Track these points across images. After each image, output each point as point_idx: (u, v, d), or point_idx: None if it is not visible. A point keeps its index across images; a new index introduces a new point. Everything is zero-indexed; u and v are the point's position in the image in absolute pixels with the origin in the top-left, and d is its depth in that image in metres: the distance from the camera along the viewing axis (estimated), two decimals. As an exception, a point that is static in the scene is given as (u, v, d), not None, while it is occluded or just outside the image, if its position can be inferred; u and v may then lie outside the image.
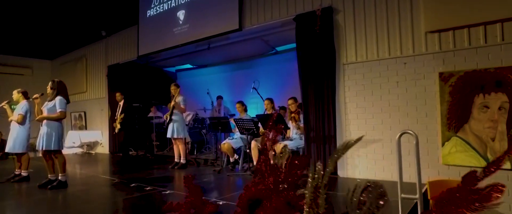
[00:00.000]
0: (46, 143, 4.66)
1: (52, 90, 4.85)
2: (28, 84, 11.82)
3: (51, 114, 4.75)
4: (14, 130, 5.47)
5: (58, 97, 4.81)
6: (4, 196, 4.55)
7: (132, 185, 4.84)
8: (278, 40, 7.52)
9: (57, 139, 4.75)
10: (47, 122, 4.73)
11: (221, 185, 5.00)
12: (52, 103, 4.78)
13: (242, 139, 6.25)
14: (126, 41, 9.11)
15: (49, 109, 4.77)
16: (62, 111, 4.77)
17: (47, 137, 4.67)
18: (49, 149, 4.68)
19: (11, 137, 5.46)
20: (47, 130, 4.68)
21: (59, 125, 4.84)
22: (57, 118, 4.76)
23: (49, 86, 4.87)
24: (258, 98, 7.45)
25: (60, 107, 4.77)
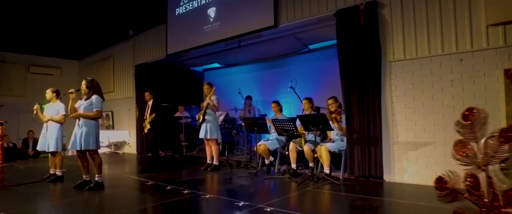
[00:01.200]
0: (85, 143, 4.54)
1: (88, 88, 4.73)
2: (57, 84, 11.87)
3: (88, 112, 4.63)
4: (49, 129, 5.41)
5: (94, 96, 4.69)
6: (41, 197, 4.46)
7: (168, 187, 4.67)
8: (312, 38, 7.24)
9: (94, 139, 4.65)
10: (84, 120, 4.62)
11: (262, 189, 4.76)
12: (88, 102, 4.67)
13: (278, 140, 6.01)
14: (154, 40, 9.02)
15: (85, 108, 4.65)
16: (98, 110, 4.66)
17: (85, 136, 4.55)
18: (87, 148, 4.57)
19: (45, 136, 5.40)
20: (85, 129, 4.56)
21: (96, 124, 4.73)
22: (93, 116, 4.65)
23: (84, 84, 4.75)
24: (291, 98, 7.16)
25: (97, 105, 4.65)
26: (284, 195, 4.27)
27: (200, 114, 6.21)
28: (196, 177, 5.62)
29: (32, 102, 11.51)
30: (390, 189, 4.56)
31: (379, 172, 4.87)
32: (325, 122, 4.78)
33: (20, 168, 7.21)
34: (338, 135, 5.37)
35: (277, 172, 5.82)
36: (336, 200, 4.05)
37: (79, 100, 4.81)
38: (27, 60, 11.39)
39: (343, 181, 4.94)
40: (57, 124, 5.46)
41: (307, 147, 5.45)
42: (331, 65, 7.49)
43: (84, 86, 4.75)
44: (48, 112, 5.52)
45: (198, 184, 5.13)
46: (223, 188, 4.74)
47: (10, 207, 3.80)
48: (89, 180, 4.79)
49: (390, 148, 4.85)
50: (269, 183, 5.06)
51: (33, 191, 4.71)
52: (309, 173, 5.54)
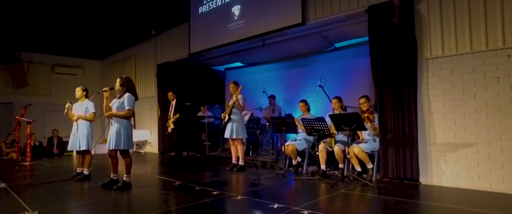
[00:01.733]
0: (116, 142, 4.47)
1: (121, 86, 4.65)
2: (79, 83, 11.96)
3: (120, 111, 4.56)
4: (80, 128, 5.39)
5: (126, 94, 4.61)
6: (71, 196, 4.43)
7: (196, 188, 4.57)
8: (339, 35, 7.03)
9: (126, 138, 4.56)
10: (117, 119, 4.55)
11: (293, 191, 4.60)
12: (120, 100, 4.60)
13: (306, 140, 5.84)
14: (176, 39, 8.98)
15: (118, 106, 4.58)
16: (130, 108, 4.56)
17: (117, 135, 4.48)
18: (118, 148, 4.50)
19: (75, 135, 5.38)
20: (117, 128, 4.50)
21: (128, 123, 4.65)
22: (124, 115, 4.56)
23: (118, 82, 4.67)
24: (317, 97, 6.99)
25: (129, 104, 4.56)
26: (317, 197, 4.09)
27: (226, 113, 6.10)
28: (223, 178, 5.50)
29: (56, 102, 11.83)
30: (427, 192, 4.32)
31: (414, 174, 4.64)
32: (359, 122, 4.58)
33: (47, 166, 7.27)
34: (369, 135, 5.16)
35: (305, 173, 5.65)
36: (372, 203, 3.85)
37: (113, 98, 4.76)
38: (52, 61, 11.58)
39: (376, 183, 4.74)
40: (87, 122, 5.44)
41: (338, 147, 5.26)
42: (357, 63, 7.30)
43: (118, 84, 4.68)
44: (77, 110, 5.52)
45: (226, 184, 5.01)
46: (252, 189, 4.60)
47: (42, 205, 3.76)
48: (117, 179, 4.74)
49: (427, 149, 4.62)
50: (299, 184, 4.90)
51: (62, 189, 4.69)
52: (338, 174, 5.38)
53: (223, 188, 4.61)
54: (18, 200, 3.99)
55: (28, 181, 5.43)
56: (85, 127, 5.42)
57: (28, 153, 7.65)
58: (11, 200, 4.06)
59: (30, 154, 7.67)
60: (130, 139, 4.63)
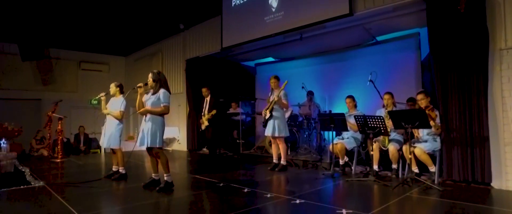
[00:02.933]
0: (151, 140, 4.15)
1: (154, 82, 4.31)
2: (105, 80, 11.92)
3: (155, 107, 4.23)
4: (109, 125, 5.10)
5: (162, 90, 4.27)
6: (113, 198, 4.13)
7: (245, 190, 4.21)
8: (383, 28, 6.54)
9: (161, 136, 4.26)
10: (151, 116, 4.23)
11: (354, 194, 4.20)
12: (155, 97, 4.26)
13: (355, 138, 5.42)
14: (206, 34, 8.63)
15: (152, 102, 4.25)
16: (166, 104, 4.25)
17: (152, 133, 4.16)
18: (153, 146, 4.18)
19: (106, 132, 5.08)
20: (152, 125, 4.17)
21: (162, 120, 4.34)
22: (161, 112, 4.25)
23: (151, 77, 4.33)
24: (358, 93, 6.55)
25: (165, 100, 4.24)
26: (385, 201, 3.67)
27: (267, 109, 5.71)
28: (267, 178, 5.13)
29: (82, 98, 11.65)
30: (501, 197, 3.87)
31: (486, 177, 4.16)
32: (423, 119, 4.13)
33: (78, 164, 7.03)
34: (429, 133, 4.69)
35: (355, 173, 5.23)
36: (446, 209, 3.40)
37: (145, 94, 4.43)
38: (78, 57, 11.42)
39: (439, 185, 4.28)
40: (115, 119, 5.12)
41: (393, 146, 4.83)
42: (401, 58, 6.81)
43: (150, 80, 4.34)
44: (111, 106, 5.21)
45: (275, 186, 4.64)
46: (307, 191, 4.20)
47: (87, 207, 3.45)
48: (158, 179, 4.42)
49: (500, 150, 4.14)
50: (356, 186, 4.48)
51: (102, 189, 4.41)
52: (393, 175, 4.95)
53: (274, 190, 4.24)
54: (61, 201, 3.70)
55: (65, 180, 5.15)
56: (113, 124, 5.10)
57: (59, 149, 7.42)
58: (54, 201, 3.77)
59: (61, 150, 7.45)
60: (162, 137, 4.32)
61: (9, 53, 10.17)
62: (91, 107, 11.80)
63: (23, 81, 10.37)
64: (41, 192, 4.25)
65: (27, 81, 10.43)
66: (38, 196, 4.10)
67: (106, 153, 9.50)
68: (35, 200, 3.91)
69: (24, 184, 4.70)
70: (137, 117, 9.86)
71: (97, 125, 11.73)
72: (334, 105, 7.55)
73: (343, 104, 7.27)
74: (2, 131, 7.53)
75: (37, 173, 5.66)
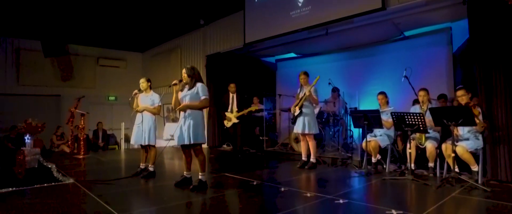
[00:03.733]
0: (194, 136, 3.96)
1: (189, 77, 4.15)
2: (122, 76, 11.88)
3: (195, 102, 4.07)
4: (144, 120, 4.94)
5: (199, 84, 4.11)
6: (145, 197, 3.98)
7: (282, 189, 4.04)
8: (412, 23, 6.32)
9: (203, 131, 4.10)
10: (192, 112, 4.06)
11: (397, 194, 4.00)
12: (193, 91, 4.09)
13: (388, 136, 5.22)
14: (227, 29, 8.45)
15: (191, 98, 4.08)
16: (206, 97, 4.07)
17: (193, 129, 3.98)
18: (197, 142, 4.00)
19: (144, 128, 4.93)
20: (193, 121, 3.99)
21: (203, 115, 4.19)
22: (202, 106, 4.09)
23: (185, 73, 4.16)
24: (387, 89, 6.35)
25: (204, 93, 4.07)
26: (432, 202, 3.46)
27: (296, 105, 5.53)
28: (299, 176, 4.96)
29: (100, 94, 11.58)
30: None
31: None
32: (469, 116, 3.92)
33: (102, 160, 6.94)
34: (470, 131, 4.47)
35: (388, 172, 5.05)
36: (505, 210, 3.20)
37: (180, 92, 4.27)
38: (96, 53, 11.34)
39: (484, 185, 4.06)
40: (152, 115, 5.01)
41: (431, 144, 4.62)
42: (430, 53, 6.56)
43: (185, 75, 4.17)
44: (143, 102, 5.06)
45: (311, 184, 4.48)
46: (346, 191, 4.03)
47: (129, 207, 3.33)
48: (190, 178, 4.27)
49: (550, 149, 3.92)
50: (394, 185, 4.29)
51: (132, 188, 4.27)
52: (430, 174, 4.75)
53: (311, 188, 4.09)
54: (98, 200, 3.56)
55: (92, 177, 5.03)
56: (151, 120, 4.97)
57: (82, 146, 7.33)
58: (90, 200, 3.64)
59: (84, 147, 7.36)
60: (204, 132, 4.16)
61: (30, 49, 10.12)
62: (108, 103, 11.75)
63: (43, 77, 10.32)
64: (74, 190, 4.14)
65: (46, 77, 10.38)
66: (71, 194, 3.98)
67: (126, 150, 9.45)
68: (71, 199, 3.79)
69: (53, 181, 4.60)
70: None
71: (114, 121, 11.68)
72: (359, 102, 7.34)
73: (369, 101, 7.09)
74: (27, 126, 7.46)
75: (63, 170, 5.56)
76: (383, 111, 5.31)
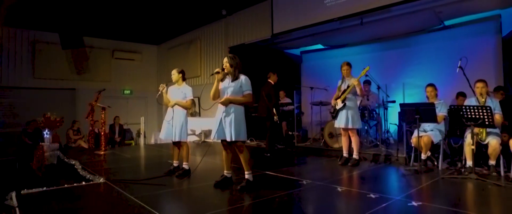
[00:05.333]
0: (235, 133, 3.52)
1: (232, 67, 3.68)
2: (137, 69, 11.39)
3: (237, 96, 3.61)
4: (175, 115, 4.46)
5: (243, 76, 3.65)
6: (196, 200, 3.50)
7: (338, 189, 3.60)
8: (455, 11, 5.83)
9: (245, 128, 3.64)
10: (234, 107, 3.61)
11: (471, 195, 3.55)
12: (236, 84, 3.62)
13: (439, 131, 4.75)
14: (252, 20, 7.94)
15: (234, 91, 3.61)
16: (250, 92, 3.61)
17: (235, 125, 3.53)
18: (239, 139, 3.55)
19: (175, 124, 4.46)
20: (234, 117, 3.56)
21: (244, 110, 3.71)
22: (245, 102, 3.62)
23: (227, 62, 3.68)
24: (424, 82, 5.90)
25: (247, 88, 3.61)
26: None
27: (339, 98, 5.06)
28: (350, 174, 4.50)
29: (116, 88, 11.10)
30: None
31: None
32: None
33: (125, 156, 6.48)
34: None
35: (441, 169, 4.60)
36: None
37: (221, 82, 3.80)
38: (112, 46, 10.85)
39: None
40: (183, 109, 4.52)
41: (495, 140, 4.14)
42: (474, 43, 6.06)
43: (227, 65, 3.69)
44: (174, 95, 4.57)
45: (367, 184, 4.02)
46: (411, 191, 3.56)
47: (178, 211, 2.87)
48: (231, 177, 3.83)
49: None
50: (460, 185, 3.83)
51: (177, 189, 3.84)
52: (491, 172, 4.27)
53: (371, 188, 3.63)
54: (140, 204, 3.10)
55: (121, 175, 4.56)
56: (182, 114, 4.48)
57: (103, 141, 6.88)
58: (132, 203, 3.17)
59: (105, 142, 6.91)
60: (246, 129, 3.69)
61: (46, 41, 9.63)
62: (123, 97, 11.27)
63: (58, 70, 9.83)
64: (108, 191, 3.68)
65: (61, 70, 9.90)
66: (108, 195, 3.53)
67: (146, 146, 9.00)
68: (113, 201, 3.32)
69: (82, 180, 4.16)
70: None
71: (129, 115, 11.22)
72: (393, 95, 6.85)
73: (404, 94, 6.60)
74: (45, 120, 7.01)
75: (87, 167, 5.12)
76: (430, 102, 4.83)
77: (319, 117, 7.15)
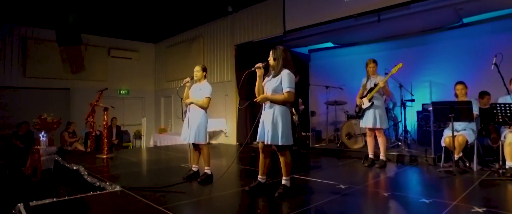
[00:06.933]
0: (272, 135, 3.13)
1: (275, 60, 3.30)
2: (135, 68, 10.80)
3: (276, 94, 3.22)
4: (192, 115, 4.02)
5: (285, 72, 3.22)
6: (226, 210, 3.10)
7: (386, 194, 3.29)
8: (476, 8, 5.63)
9: (287, 130, 3.21)
10: (272, 105, 3.22)
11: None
12: (276, 80, 3.24)
13: (473, 130, 4.52)
14: (262, 16, 7.52)
15: (273, 88, 3.24)
16: (290, 90, 3.18)
17: (273, 126, 3.15)
18: (276, 143, 3.15)
19: (191, 125, 4.01)
20: (274, 117, 3.17)
21: (286, 110, 3.27)
22: (283, 100, 3.21)
23: (272, 55, 3.32)
24: (443, 80, 5.69)
25: (288, 85, 3.17)
26: None
27: (365, 97, 4.76)
28: (382, 177, 4.20)
29: (112, 87, 10.46)
30: None
31: None
32: None
33: (132, 160, 5.98)
34: None
35: (476, 170, 4.36)
36: None
37: (266, 77, 3.42)
38: (108, 43, 10.21)
39: None
40: (200, 109, 4.06)
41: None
42: (495, 41, 5.87)
43: (271, 58, 3.33)
44: (195, 94, 4.14)
45: (410, 187, 3.74)
46: (465, 195, 3.27)
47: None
48: (265, 182, 3.45)
49: None
50: (508, 188, 3.57)
51: (205, 197, 3.41)
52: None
53: (417, 192, 3.35)
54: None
55: (135, 182, 4.09)
56: (199, 114, 4.01)
57: (105, 144, 6.35)
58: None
59: (107, 145, 6.38)
60: (290, 130, 3.28)
61: (38, 38, 8.94)
62: (120, 97, 10.67)
63: (51, 69, 9.13)
64: (129, 200, 3.22)
65: (55, 69, 9.19)
66: (133, 206, 3.08)
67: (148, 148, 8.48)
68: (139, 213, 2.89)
69: (90, 188, 3.70)
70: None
71: (126, 117, 10.64)
72: (406, 94, 6.63)
73: (420, 92, 6.40)
74: (41, 122, 6.42)
75: (96, 173, 4.63)
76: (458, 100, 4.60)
77: (334, 117, 6.85)
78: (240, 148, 7.46)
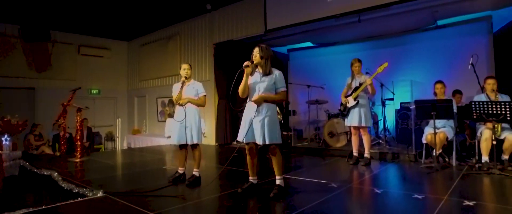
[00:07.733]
0: (269, 135, 3.07)
1: (263, 59, 3.23)
2: (106, 66, 10.26)
3: (270, 93, 3.16)
4: (189, 115, 3.85)
5: (276, 71, 3.24)
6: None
7: (379, 191, 3.32)
8: (450, 11, 5.90)
9: (278, 129, 3.20)
10: (268, 106, 3.17)
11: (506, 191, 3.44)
12: (269, 79, 3.19)
13: (451, 127, 4.69)
14: (243, 14, 7.39)
15: (267, 87, 3.17)
16: (284, 90, 3.20)
17: (269, 126, 3.10)
18: (273, 142, 3.11)
19: (188, 125, 3.84)
20: (268, 117, 3.12)
21: (276, 109, 3.28)
22: (280, 99, 3.22)
23: (258, 53, 3.24)
24: (419, 79, 5.90)
25: (283, 84, 3.20)
26: None
27: (350, 96, 4.81)
28: (370, 175, 4.24)
29: (83, 87, 9.83)
30: None
31: None
32: None
33: (108, 164, 5.63)
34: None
35: (455, 165, 4.53)
36: None
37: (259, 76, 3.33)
38: (78, 40, 9.58)
39: None
40: (197, 108, 3.94)
41: (488, 132, 4.16)
42: (467, 42, 6.16)
43: (258, 56, 3.25)
44: (188, 93, 3.97)
45: (398, 184, 3.79)
46: (452, 189, 3.36)
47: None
48: (257, 183, 3.38)
49: None
50: (495, 181, 3.72)
51: (198, 201, 3.25)
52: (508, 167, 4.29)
53: (408, 189, 3.41)
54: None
55: (117, 186, 3.86)
56: (196, 113, 3.91)
57: (78, 147, 5.93)
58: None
59: (81, 147, 5.97)
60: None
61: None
62: (90, 97, 10.08)
63: (13, 67, 8.41)
64: (115, 207, 2.99)
65: (18, 67, 8.48)
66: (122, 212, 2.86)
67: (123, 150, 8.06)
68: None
69: (66, 194, 3.43)
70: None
71: (96, 117, 10.08)
72: (386, 93, 6.81)
73: (399, 91, 6.59)
74: (4, 124, 5.91)
75: (70, 177, 4.31)
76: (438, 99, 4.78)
77: (315, 116, 6.88)
78: (220, 149, 7.30)
